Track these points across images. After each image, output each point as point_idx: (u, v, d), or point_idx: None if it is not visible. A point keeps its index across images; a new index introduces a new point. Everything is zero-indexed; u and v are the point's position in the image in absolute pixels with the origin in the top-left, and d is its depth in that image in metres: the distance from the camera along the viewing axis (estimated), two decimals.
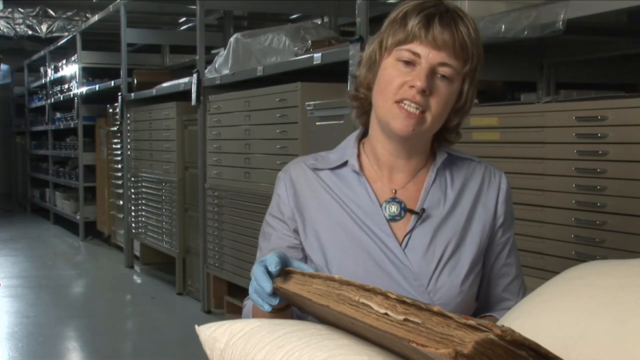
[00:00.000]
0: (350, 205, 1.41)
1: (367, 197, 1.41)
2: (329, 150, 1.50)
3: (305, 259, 1.44)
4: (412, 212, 1.40)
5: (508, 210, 1.46)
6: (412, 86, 1.31)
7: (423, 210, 1.40)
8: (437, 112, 1.33)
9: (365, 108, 1.45)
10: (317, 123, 3.27)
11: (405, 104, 1.32)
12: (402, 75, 1.33)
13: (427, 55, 1.31)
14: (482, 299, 1.48)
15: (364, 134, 1.48)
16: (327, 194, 1.43)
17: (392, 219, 1.40)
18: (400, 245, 1.38)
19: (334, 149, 1.49)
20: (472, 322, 0.82)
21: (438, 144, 1.46)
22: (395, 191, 1.42)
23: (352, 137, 1.48)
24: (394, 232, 1.39)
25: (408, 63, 1.33)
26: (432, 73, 1.32)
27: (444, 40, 1.31)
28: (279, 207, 1.46)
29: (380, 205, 1.40)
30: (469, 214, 1.42)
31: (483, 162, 1.48)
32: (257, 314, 1.34)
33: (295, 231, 1.44)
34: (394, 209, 1.40)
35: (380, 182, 1.43)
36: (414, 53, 1.32)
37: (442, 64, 1.32)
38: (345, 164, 1.44)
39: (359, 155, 1.45)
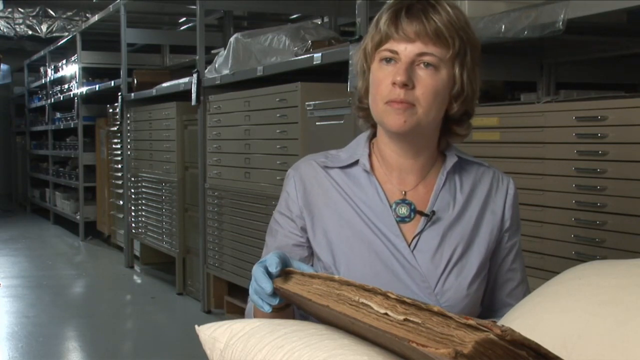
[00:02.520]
0: (360, 205, 1.41)
1: (377, 198, 1.41)
2: (339, 149, 1.50)
3: (312, 257, 1.45)
4: (421, 214, 1.40)
5: (515, 215, 1.47)
6: (394, 83, 1.32)
7: (433, 212, 1.40)
8: (426, 102, 1.33)
9: (371, 116, 1.45)
10: (317, 123, 3.27)
11: (394, 102, 1.33)
12: (387, 75, 1.34)
13: (404, 49, 1.33)
14: (487, 303, 1.48)
15: (374, 134, 1.49)
16: (337, 193, 1.43)
17: (402, 220, 1.40)
18: (409, 246, 1.38)
19: (344, 148, 1.49)
20: (472, 322, 0.82)
21: (448, 138, 1.45)
22: (405, 193, 1.42)
23: (363, 137, 1.48)
24: (403, 233, 1.39)
25: (390, 61, 1.34)
26: (412, 66, 1.32)
27: (415, 31, 1.32)
28: (287, 205, 1.46)
29: (390, 206, 1.40)
30: (477, 219, 1.43)
31: (492, 167, 1.48)
32: (257, 313, 1.34)
33: (303, 229, 1.44)
34: (403, 210, 1.40)
35: (390, 183, 1.43)
36: (392, 51, 1.34)
37: (421, 54, 1.32)
38: (355, 163, 1.44)
39: (369, 155, 1.45)
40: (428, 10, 1.33)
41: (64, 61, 8.48)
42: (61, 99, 8.63)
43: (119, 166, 6.49)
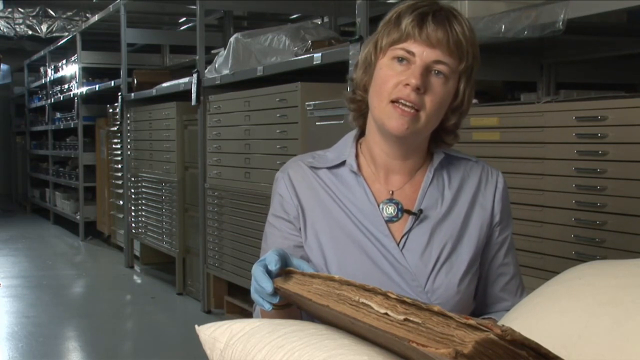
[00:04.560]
0: (348, 205, 1.41)
1: (365, 198, 1.41)
2: (326, 149, 1.50)
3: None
4: (409, 212, 1.40)
5: (505, 209, 1.47)
6: (406, 84, 1.31)
7: (420, 211, 1.40)
8: (432, 110, 1.33)
9: (362, 110, 1.46)
10: (317, 123, 3.27)
11: (400, 103, 1.33)
12: (397, 74, 1.33)
13: (422, 53, 1.32)
14: (480, 299, 1.48)
15: (362, 134, 1.48)
16: (325, 193, 1.43)
17: (390, 220, 1.40)
18: (398, 245, 1.38)
19: (331, 148, 1.49)
20: (472, 322, 0.82)
21: (435, 145, 1.46)
22: (393, 192, 1.42)
23: (350, 137, 1.48)
24: (392, 232, 1.39)
25: (403, 61, 1.33)
26: (426, 71, 1.32)
27: (437, 38, 1.31)
28: (282, 207, 1.45)
29: (378, 206, 1.40)
30: (466, 214, 1.43)
31: (480, 161, 1.48)
32: (264, 313, 1.34)
33: (300, 230, 1.44)
34: (391, 210, 1.40)
35: (378, 183, 1.43)
36: (409, 51, 1.33)
37: (437, 62, 1.32)
38: (342, 163, 1.44)
39: (356, 156, 1.45)
40: (452, 20, 1.33)
41: (64, 61, 8.48)
42: (61, 99, 8.63)
43: (119, 166, 6.49)
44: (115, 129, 6.56)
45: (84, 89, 7.59)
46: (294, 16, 6.25)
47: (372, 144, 1.43)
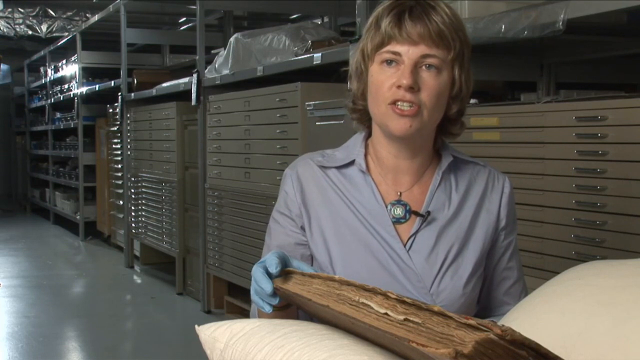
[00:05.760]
0: (356, 205, 1.41)
1: (373, 198, 1.41)
2: (335, 148, 1.50)
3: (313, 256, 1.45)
4: (417, 214, 1.40)
5: (510, 214, 1.47)
6: (399, 86, 1.32)
7: (428, 213, 1.40)
8: (431, 105, 1.34)
9: (365, 117, 1.46)
10: (317, 123, 3.27)
11: (398, 105, 1.33)
12: (389, 77, 1.34)
13: (407, 52, 1.32)
14: (483, 302, 1.49)
15: (370, 134, 1.49)
16: (333, 192, 1.43)
17: (397, 221, 1.40)
18: (405, 246, 1.38)
19: (340, 147, 1.50)
20: (472, 321, 0.82)
21: (442, 139, 1.45)
22: (400, 193, 1.42)
23: (359, 137, 1.49)
24: (399, 233, 1.39)
25: (392, 63, 1.34)
26: (416, 68, 1.32)
27: (418, 34, 1.32)
28: (286, 204, 1.46)
29: (386, 207, 1.41)
30: (472, 218, 1.43)
31: (488, 165, 1.49)
32: (261, 313, 1.34)
33: (303, 228, 1.44)
34: (399, 211, 1.40)
35: (385, 184, 1.43)
36: (394, 53, 1.33)
37: (424, 56, 1.32)
38: (351, 163, 1.45)
39: (365, 156, 1.45)
40: (429, 11, 1.33)
41: (64, 61, 8.48)
42: (61, 99, 8.63)
43: (119, 166, 6.49)
44: (115, 129, 6.56)
45: (84, 89, 7.59)
46: (294, 16, 6.26)
47: (379, 146, 1.43)
